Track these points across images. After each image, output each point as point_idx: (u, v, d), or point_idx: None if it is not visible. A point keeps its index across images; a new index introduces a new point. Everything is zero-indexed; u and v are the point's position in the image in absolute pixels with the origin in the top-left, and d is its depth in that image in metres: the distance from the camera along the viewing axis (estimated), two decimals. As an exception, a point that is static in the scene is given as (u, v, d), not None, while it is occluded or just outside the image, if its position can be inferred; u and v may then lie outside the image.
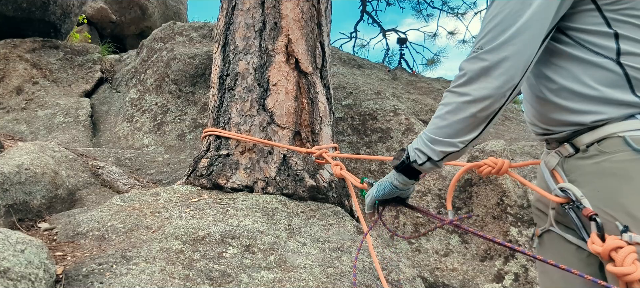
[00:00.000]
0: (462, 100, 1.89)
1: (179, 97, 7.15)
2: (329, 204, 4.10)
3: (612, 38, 1.79)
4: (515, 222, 4.92)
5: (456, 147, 1.99)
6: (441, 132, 2.00)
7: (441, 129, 1.99)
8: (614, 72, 1.77)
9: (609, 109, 1.77)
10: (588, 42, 1.83)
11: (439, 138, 2.00)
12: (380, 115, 6.11)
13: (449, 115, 1.95)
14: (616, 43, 1.78)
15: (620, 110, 1.76)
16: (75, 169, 4.60)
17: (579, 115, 1.84)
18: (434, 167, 2.10)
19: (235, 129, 4.27)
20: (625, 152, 1.71)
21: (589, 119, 1.81)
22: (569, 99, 1.86)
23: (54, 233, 3.34)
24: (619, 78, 1.77)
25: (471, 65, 1.86)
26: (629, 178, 1.69)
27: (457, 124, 1.93)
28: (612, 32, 1.79)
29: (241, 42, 4.63)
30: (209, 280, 2.79)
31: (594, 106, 1.80)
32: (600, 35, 1.81)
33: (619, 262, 1.61)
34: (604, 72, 1.79)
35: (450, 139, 1.98)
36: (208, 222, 3.36)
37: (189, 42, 8.22)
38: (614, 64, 1.78)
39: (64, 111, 7.10)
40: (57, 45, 8.64)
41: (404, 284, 3.30)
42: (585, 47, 1.83)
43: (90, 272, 2.67)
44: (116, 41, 12.72)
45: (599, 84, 1.79)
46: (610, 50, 1.79)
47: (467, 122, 1.91)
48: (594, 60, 1.81)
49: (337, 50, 9.87)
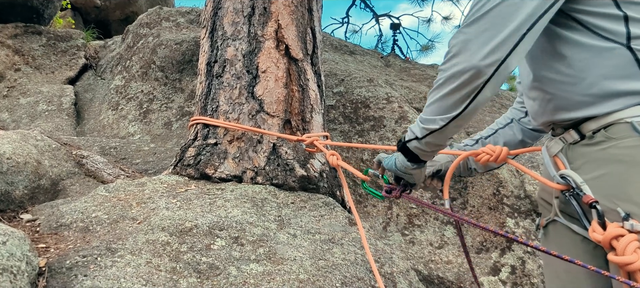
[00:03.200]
0: (445, 75, 1.90)
1: (165, 84, 7.11)
2: (320, 195, 4.10)
3: (622, 21, 1.77)
4: (512, 213, 4.93)
5: (437, 125, 2.00)
6: (428, 110, 2.03)
7: (428, 107, 2.02)
8: (625, 57, 1.76)
9: (617, 100, 1.76)
10: (596, 27, 1.81)
11: (426, 116, 2.04)
12: (372, 103, 6.10)
13: (434, 92, 1.98)
14: (626, 26, 1.77)
15: (628, 100, 1.75)
16: (58, 159, 4.58)
17: (586, 108, 1.82)
18: (421, 147, 2.13)
19: (223, 117, 4.26)
20: (633, 138, 1.71)
21: (598, 112, 1.80)
22: (574, 92, 1.85)
23: (37, 225, 3.32)
24: (628, 63, 1.75)
25: (454, 40, 1.88)
26: (636, 164, 1.69)
27: (440, 100, 1.95)
28: (621, 15, 1.77)
29: (229, 28, 4.61)
30: (196, 273, 2.79)
31: (600, 99, 1.79)
32: (609, 19, 1.79)
33: (620, 251, 1.60)
34: (613, 58, 1.77)
35: (433, 116, 1.99)
36: (195, 213, 3.36)
37: (175, 28, 8.18)
38: (625, 49, 1.76)
39: (47, 99, 7.05)
40: (39, 30, 8.57)
41: (397, 277, 3.31)
42: (594, 32, 1.81)
43: (74, 265, 2.66)
44: (101, 27, 12.65)
45: (609, 74, 1.78)
46: (619, 34, 1.77)
47: (448, 98, 1.91)
48: (602, 45, 1.79)
49: (328, 36, 9.84)
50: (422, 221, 4.94)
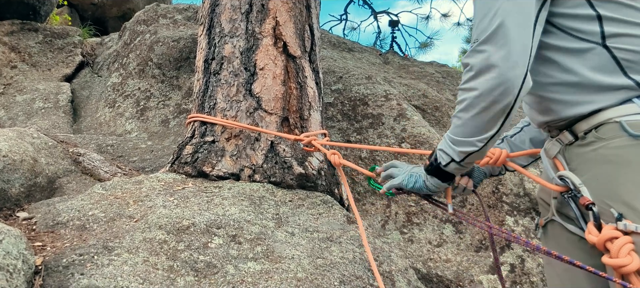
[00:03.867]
0: (473, 95, 1.85)
1: (162, 81, 7.11)
2: (318, 193, 4.10)
3: (596, 21, 1.79)
4: (511, 211, 4.94)
5: (475, 147, 1.96)
6: (460, 131, 1.97)
7: (459, 128, 1.97)
8: (602, 56, 1.77)
9: (604, 96, 1.77)
10: (572, 29, 1.83)
11: (459, 138, 1.99)
12: (371, 101, 6.10)
13: (463, 113, 1.92)
14: (600, 26, 1.78)
15: (615, 96, 1.76)
16: (55, 156, 4.58)
17: (576, 106, 1.83)
18: (460, 168, 2.09)
19: (221, 114, 4.26)
20: (622, 138, 1.72)
21: (587, 109, 1.81)
22: (563, 91, 1.86)
23: (33, 223, 3.32)
24: (608, 62, 1.77)
25: (473, 59, 1.84)
26: (625, 164, 1.69)
27: (473, 120, 1.90)
28: (594, 14, 1.79)
29: (227, 25, 4.61)
30: (193, 271, 2.79)
31: (588, 95, 1.80)
32: (583, 20, 1.81)
33: (614, 253, 1.60)
34: (592, 58, 1.79)
35: (467, 138, 1.95)
36: (193, 211, 3.35)
37: (173, 25, 8.17)
38: (601, 49, 1.78)
39: (43, 96, 7.05)
40: (36, 27, 8.57)
41: (395, 275, 3.31)
42: (570, 35, 1.83)
43: (71, 263, 2.65)
44: (97, 24, 12.62)
45: (590, 71, 1.79)
46: (594, 34, 1.79)
47: (482, 117, 1.87)
48: (580, 47, 1.81)
49: (326, 33, 9.84)
50: (420, 219, 4.94)
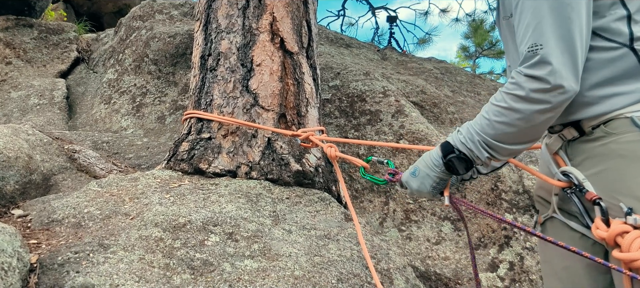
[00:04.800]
0: (542, 107, 1.80)
1: (158, 77, 7.10)
2: (315, 190, 4.09)
3: (625, 21, 1.78)
4: (510, 209, 4.94)
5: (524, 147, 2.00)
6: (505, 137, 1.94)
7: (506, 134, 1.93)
8: (628, 59, 1.76)
9: (621, 99, 1.77)
10: (601, 29, 1.82)
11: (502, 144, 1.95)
12: (369, 97, 6.09)
13: (519, 122, 1.86)
14: (629, 27, 1.77)
15: (630, 98, 1.76)
16: (50, 153, 4.57)
17: (588, 108, 1.83)
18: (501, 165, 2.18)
19: (217, 111, 4.25)
20: (633, 133, 1.71)
21: (599, 111, 1.80)
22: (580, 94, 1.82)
23: (28, 220, 3.31)
24: (633, 66, 1.76)
25: (541, 71, 1.76)
26: (636, 159, 1.69)
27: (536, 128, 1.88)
28: (625, 14, 1.78)
29: (224, 21, 4.60)
30: (190, 269, 2.79)
31: (603, 100, 1.79)
32: (613, 20, 1.80)
33: (625, 248, 1.60)
34: (619, 61, 1.78)
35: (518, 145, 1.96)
36: (189, 208, 3.35)
37: (169, 21, 8.16)
38: (628, 51, 1.77)
39: (38, 92, 7.03)
40: (31, 23, 8.55)
41: (394, 273, 3.30)
42: (599, 36, 1.82)
43: (66, 261, 2.65)
44: (93, 19, 12.62)
45: (612, 75, 1.78)
46: (623, 35, 1.78)
47: (544, 125, 1.87)
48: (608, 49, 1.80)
49: (324, 29, 9.83)
50: (418, 216, 4.94)
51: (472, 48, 24.23)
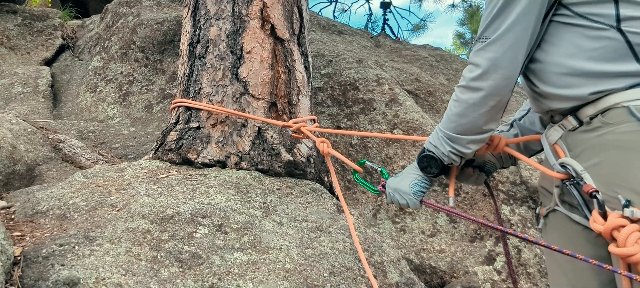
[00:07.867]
0: (482, 94, 2.00)
1: (146, 65, 7.07)
2: (307, 181, 4.09)
3: (612, 3, 1.79)
4: (507, 200, 4.95)
5: (483, 141, 2.20)
6: (460, 127, 2.15)
7: (461, 125, 2.14)
8: (616, 40, 1.77)
9: (611, 81, 1.78)
10: (587, 13, 1.84)
11: (464, 136, 2.16)
12: (362, 85, 6.09)
13: (469, 110, 2.08)
14: (616, 8, 1.78)
15: (623, 81, 1.76)
16: (34, 143, 4.55)
17: (578, 88, 1.84)
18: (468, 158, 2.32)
19: (206, 99, 4.24)
20: (630, 123, 1.71)
21: (588, 91, 1.81)
22: (568, 74, 1.88)
23: (12, 212, 3.30)
24: (621, 47, 1.77)
25: (481, 59, 1.97)
26: (633, 150, 1.69)
27: (482, 116, 2.07)
28: None
29: (213, 7, 4.58)
30: (178, 262, 2.78)
31: (594, 80, 1.80)
32: (599, 3, 1.81)
33: (621, 242, 1.60)
34: (605, 42, 1.79)
35: (474, 135, 2.15)
36: (177, 199, 3.35)
37: (156, 7, 8.13)
38: (615, 32, 1.78)
39: (22, 80, 7.00)
40: (14, 9, 8.50)
41: (387, 266, 3.31)
42: (584, 17, 1.84)
43: (51, 254, 2.64)
44: (78, 5, 12.50)
45: (600, 57, 1.79)
46: (609, 17, 1.79)
47: (490, 113, 2.05)
48: (593, 30, 1.82)
49: (315, 16, 9.82)
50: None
51: (468, 35, 24.20)
